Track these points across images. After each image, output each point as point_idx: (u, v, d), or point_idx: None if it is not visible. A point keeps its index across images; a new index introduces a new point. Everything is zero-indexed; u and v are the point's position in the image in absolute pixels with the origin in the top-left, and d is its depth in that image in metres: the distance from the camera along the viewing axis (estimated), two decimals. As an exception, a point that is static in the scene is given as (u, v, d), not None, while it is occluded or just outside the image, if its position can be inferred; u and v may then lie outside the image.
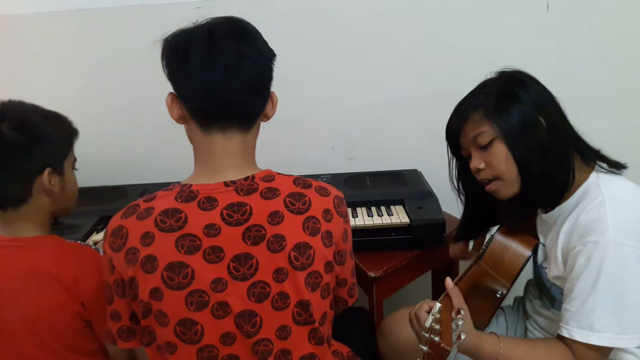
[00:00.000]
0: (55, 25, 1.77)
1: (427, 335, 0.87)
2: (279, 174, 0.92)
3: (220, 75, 0.84)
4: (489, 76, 1.08)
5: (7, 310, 0.98)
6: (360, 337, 1.29)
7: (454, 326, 0.88)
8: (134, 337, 0.92)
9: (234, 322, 0.85)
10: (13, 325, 0.98)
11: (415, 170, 1.69)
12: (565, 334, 0.97)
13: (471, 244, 1.34)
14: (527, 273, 1.19)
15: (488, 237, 1.23)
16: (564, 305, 0.99)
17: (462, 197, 1.20)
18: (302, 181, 0.92)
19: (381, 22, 1.73)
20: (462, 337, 0.89)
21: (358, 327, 1.35)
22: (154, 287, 0.83)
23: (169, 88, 0.91)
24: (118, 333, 0.92)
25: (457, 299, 0.95)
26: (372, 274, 1.31)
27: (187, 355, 0.85)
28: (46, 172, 0.99)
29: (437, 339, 0.85)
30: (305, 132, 1.83)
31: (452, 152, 1.14)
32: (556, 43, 1.69)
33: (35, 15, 1.75)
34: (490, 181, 1.05)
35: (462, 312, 0.92)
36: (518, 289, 1.29)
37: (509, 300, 1.34)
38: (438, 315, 0.88)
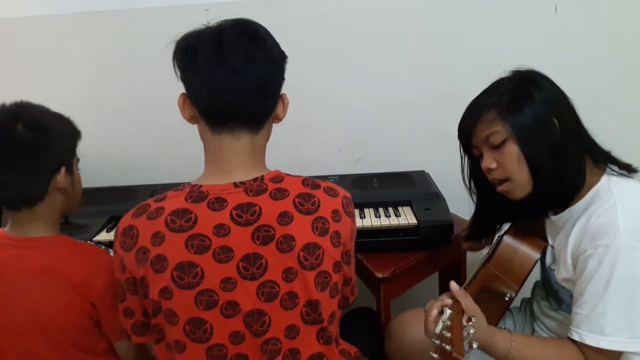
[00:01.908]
0: (62, 27, 1.79)
1: (437, 342, 0.85)
2: (288, 174, 0.93)
3: (228, 76, 0.84)
4: (502, 75, 1.07)
5: (17, 310, 0.99)
6: (367, 337, 1.29)
7: (465, 334, 0.86)
8: (148, 332, 0.93)
9: (243, 321, 0.85)
10: (23, 324, 0.99)
11: (422, 172, 1.69)
12: (576, 337, 0.96)
13: None
14: (535, 275, 1.19)
15: (496, 238, 1.23)
16: (574, 309, 0.98)
17: (474, 196, 1.19)
18: (311, 182, 0.92)
19: (388, 24, 1.73)
20: (474, 346, 0.87)
21: (365, 327, 1.35)
22: (164, 286, 0.84)
23: (176, 89, 0.92)
24: (132, 328, 0.93)
25: (466, 300, 0.95)
26: (379, 275, 1.31)
27: (196, 354, 0.86)
28: (62, 170, 1.01)
29: (448, 347, 0.83)
30: (312, 133, 1.84)
31: (465, 151, 1.13)
32: (564, 45, 1.69)
33: (43, 18, 1.77)
34: (501, 182, 1.04)
35: (473, 319, 0.90)
36: (525, 290, 1.28)
37: (516, 302, 1.33)
38: (449, 323, 0.86)
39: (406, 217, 1.41)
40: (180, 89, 0.91)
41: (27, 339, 1.00)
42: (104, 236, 1.41)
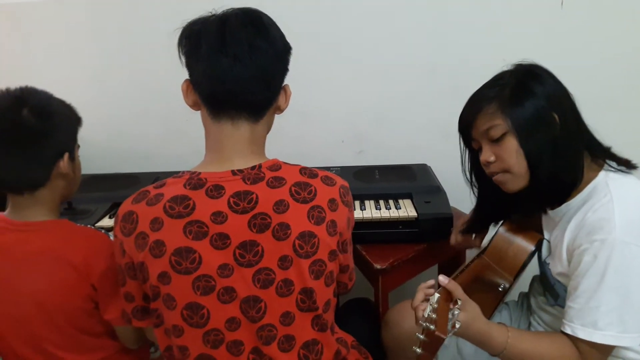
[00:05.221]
0: (67, 13, 1.79)
1: (424, 324, 0.88)
2: (286, 163, 0.93)
3: (229, 63, 0.85)
4: (504, 68, 1.06)
5: (19, 293, 1.00)
6: (365, 327, 1.31)
7: (450, 315, 0.89)
8: (148, 316, 0.95)
9: (239, 307, 0.87)
10: (25, 306, 1.01)
11: (424, 165, 1.69)
12: (568, 331, 0.97)
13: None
14: (533, 269, 1.19)
15: (493, 231, 1.24)
16: (568, 303, 0.99)
17: (475, 190, 1.19)
18: (309, 171, 0.93)
19: (392, 17, 1.73)
20: (457, 325, 0.89)
21: (363, 317, 1.37)
22: (162, 271, 0.85)
23: (179, 77, 0.92)
24: (133, 312, 0.95)
25: (457, 292, 0.96)
26: (378, 266, 1.31)
27: (193, 338, 0.87)
28: (66, 156, 1.03)
29: (432, 327, 0.85)
30: (315, 125, 1.85)
31: (465, 144, 1.13)
32: (570, 40, 1.68)
33: (48, 3, 1.78)
34: (498, 173, 1.04)
35: (459, 302, 0.92)
36: (523, 284, 1.29)
37: (514, 296, 1.34)
38: (436, 305, 0.89)
39: (406, 210, 1.42)
40: (184, 76, 0.92)
41: (30, 321, 1.01)
42: (107, 222, 1.42)
